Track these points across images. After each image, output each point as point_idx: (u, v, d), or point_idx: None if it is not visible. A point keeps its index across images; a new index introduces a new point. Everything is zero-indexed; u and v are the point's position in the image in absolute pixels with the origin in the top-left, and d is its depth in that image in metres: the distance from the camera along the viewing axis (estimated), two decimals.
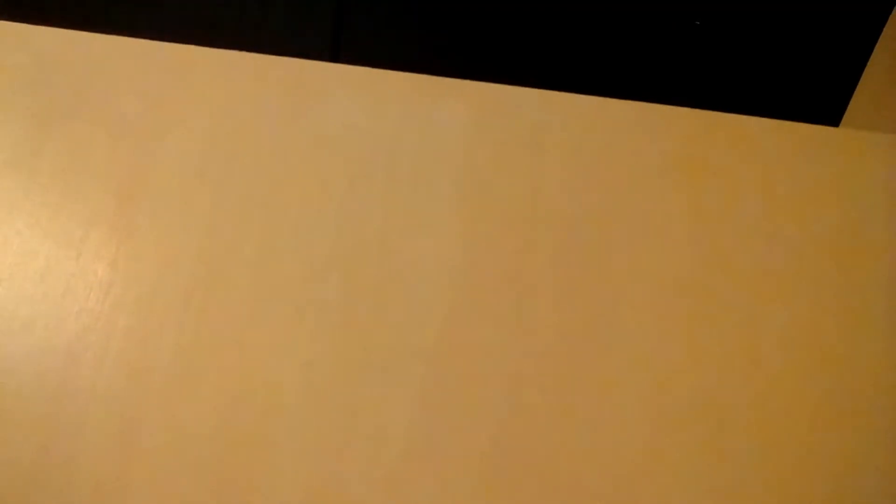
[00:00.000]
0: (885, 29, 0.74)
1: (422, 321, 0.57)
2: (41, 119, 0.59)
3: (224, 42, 0.64)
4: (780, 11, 0.79)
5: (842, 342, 0.63)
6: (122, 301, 0.55)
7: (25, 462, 0.51)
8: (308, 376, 0.55)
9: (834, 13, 0.79)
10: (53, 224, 0.57)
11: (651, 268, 0.62)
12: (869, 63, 0.76)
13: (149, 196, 0.58)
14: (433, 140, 0.62)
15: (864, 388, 0.60)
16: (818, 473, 0.57)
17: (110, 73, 0.62)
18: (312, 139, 0.61)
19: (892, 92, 0.73)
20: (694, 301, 0.62)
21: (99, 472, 0.51)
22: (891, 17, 0.73)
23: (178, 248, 0.57)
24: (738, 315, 0.62)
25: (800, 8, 0.79)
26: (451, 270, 0.59)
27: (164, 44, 0.62)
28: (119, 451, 0.52)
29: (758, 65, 0.81)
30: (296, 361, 0.55)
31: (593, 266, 0.60)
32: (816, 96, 0.79)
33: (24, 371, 0.53)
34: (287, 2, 0.73)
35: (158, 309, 0.56)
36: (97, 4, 0.69)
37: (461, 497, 0.54)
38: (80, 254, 0.56)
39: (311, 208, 0.59)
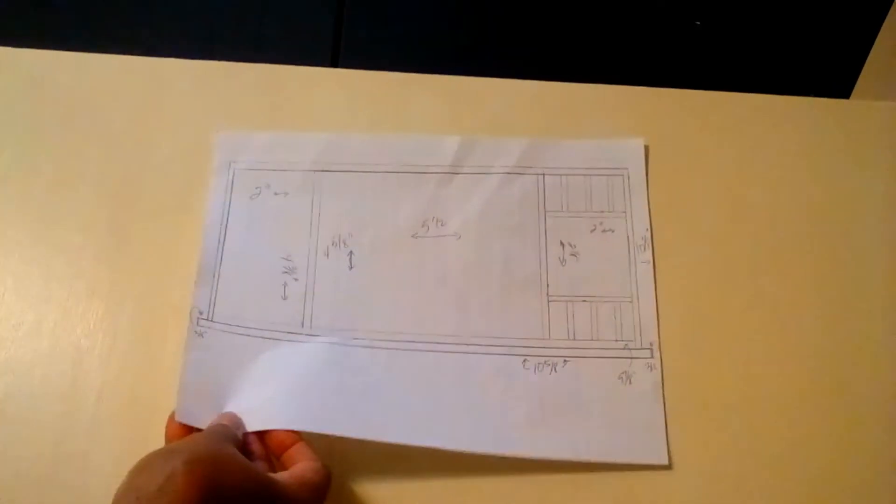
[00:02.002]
0: (893, 5, 0.71)
1: None
2: (35, 135, 0.64)
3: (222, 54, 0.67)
4: None
5: (845, 312, 0.61)
6: (124, 302, 0.58)
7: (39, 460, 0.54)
8: None
9: None
10: (51, 233, 0.61)
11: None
12: (878, 37, 0.74)
13: (142, 202, 0.61)
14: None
15: (865, 353, 0.60)
16: None
17: (99, 89, 0.66)
18: None
19: None
20: (703, 269, 0.62)
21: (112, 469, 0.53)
22: None
23: (174, 249, 0.60)
24: (749, 284, 0.62)
25: None
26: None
27: (147, 58, 0.66)
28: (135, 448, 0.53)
29: (767, 42, 0.79)
30: None
31: None
32: (826, 70, 0.78)
33: (33, 373, 0.56)
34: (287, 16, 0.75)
35: (158, 310, 0.59)
36: (89, 25, 0.73)
37: None
38: (79, 258, 0.60)
39: None
